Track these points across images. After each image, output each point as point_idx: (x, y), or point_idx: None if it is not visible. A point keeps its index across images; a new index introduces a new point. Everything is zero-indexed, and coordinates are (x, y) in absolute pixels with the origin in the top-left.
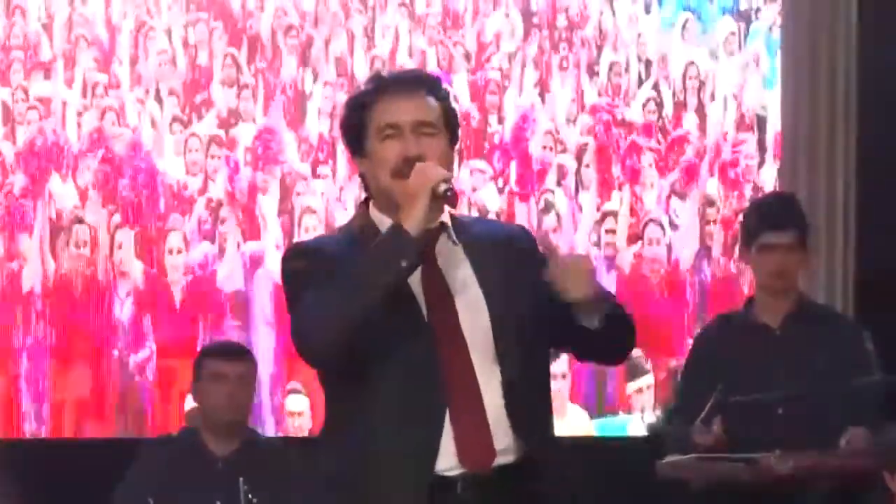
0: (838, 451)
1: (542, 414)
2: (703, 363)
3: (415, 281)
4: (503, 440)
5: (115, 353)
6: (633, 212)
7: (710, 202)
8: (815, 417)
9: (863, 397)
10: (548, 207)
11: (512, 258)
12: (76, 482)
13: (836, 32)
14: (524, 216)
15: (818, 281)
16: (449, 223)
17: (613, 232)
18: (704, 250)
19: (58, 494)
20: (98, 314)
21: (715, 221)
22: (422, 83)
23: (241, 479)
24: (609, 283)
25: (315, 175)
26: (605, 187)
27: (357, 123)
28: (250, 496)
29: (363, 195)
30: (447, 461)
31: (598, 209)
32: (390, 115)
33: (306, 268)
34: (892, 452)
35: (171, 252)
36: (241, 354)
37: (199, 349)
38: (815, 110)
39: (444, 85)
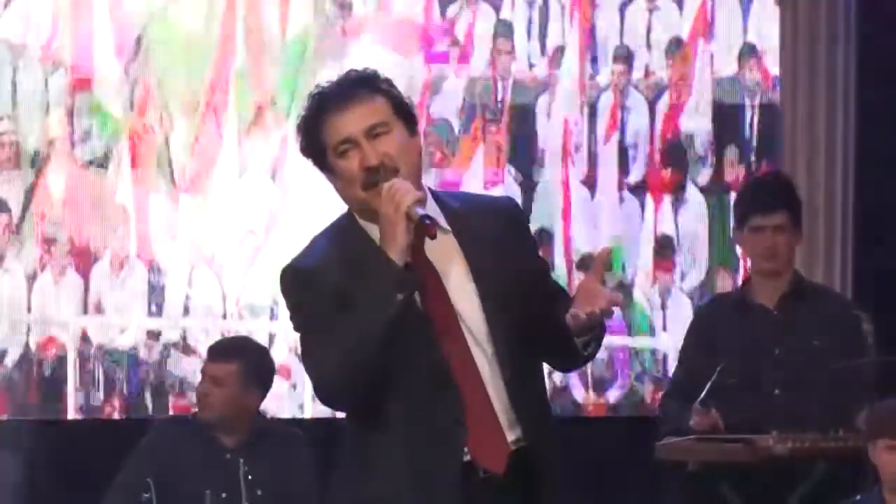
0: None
1: (540, 399)
2: (701, 344)
3: None
4: (511, 432)
5: None
6: None
7: None
8: (812, 398)
9: (860, 378)
10: None
11: (502, 235)
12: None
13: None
14: None
15: (818, 270)
16: (432, 200)
17: None
18: None
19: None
20: None
21: None
22: (360, 85)
23: (240, 460)
24: None
25: None
26: None
27: (315, 147)
28: (249, 477)
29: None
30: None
31: None
32: (340, 131)
33: (309, 298)
34: (870, 427)
35: None
36: (218, 354)
37: None
38: (815, 98)
39: (382, 75)
